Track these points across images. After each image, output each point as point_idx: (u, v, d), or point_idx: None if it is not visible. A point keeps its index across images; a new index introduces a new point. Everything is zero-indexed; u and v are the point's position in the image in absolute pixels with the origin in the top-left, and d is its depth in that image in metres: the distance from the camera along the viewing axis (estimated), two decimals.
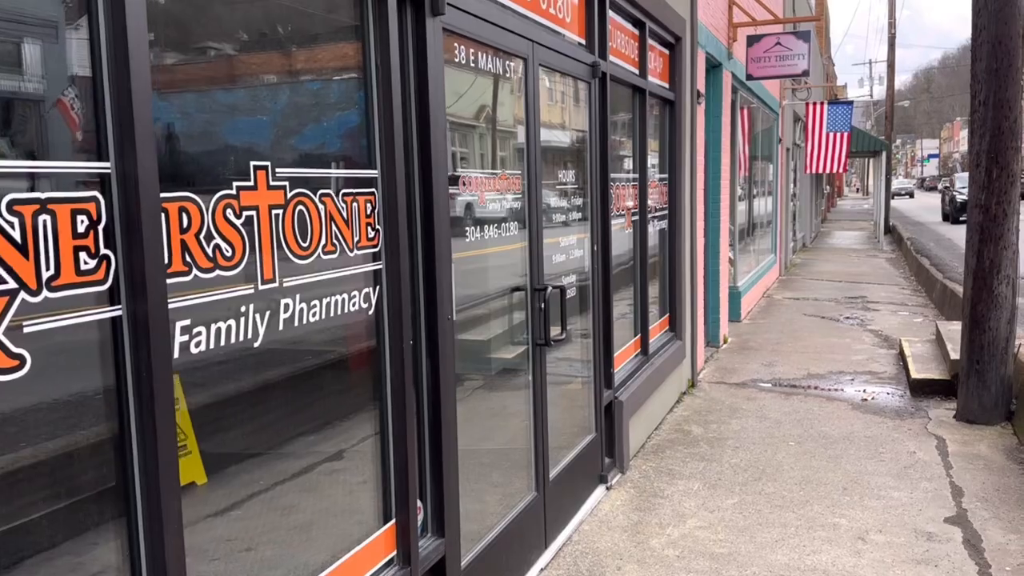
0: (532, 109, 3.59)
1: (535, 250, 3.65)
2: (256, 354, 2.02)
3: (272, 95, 2.15)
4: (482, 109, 3.36)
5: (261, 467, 2.12)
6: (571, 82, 4.25)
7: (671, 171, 6.58)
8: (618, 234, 5.23)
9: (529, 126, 3.58)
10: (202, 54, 1.94)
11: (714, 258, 9.01)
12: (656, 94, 5.97)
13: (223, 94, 2.00)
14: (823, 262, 18.42)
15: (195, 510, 1.88)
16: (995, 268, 5.61)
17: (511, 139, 3.55)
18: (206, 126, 1.92)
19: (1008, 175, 5.52)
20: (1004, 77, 5.43)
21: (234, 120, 2.01)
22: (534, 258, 3.65)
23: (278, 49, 2.17)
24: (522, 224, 3.58)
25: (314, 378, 2.34)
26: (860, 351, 8.52)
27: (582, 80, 4.33)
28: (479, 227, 3.19)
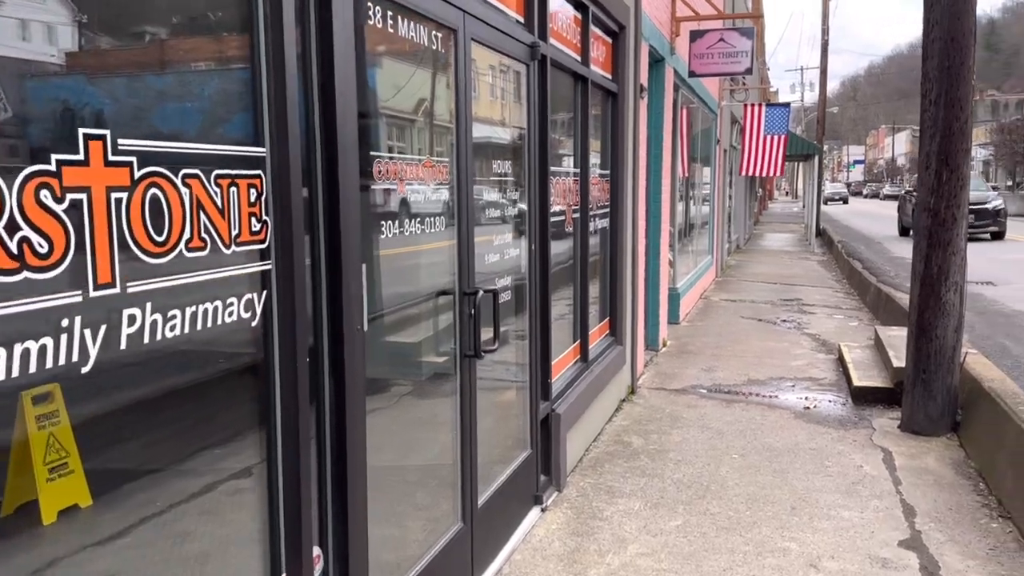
0: (463, 89, 3.15)
1: (465, 249, 3.23)
2: (90, 377, 1.54)
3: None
4: (403, 87, 2.91)
5: (91, 518, 1.64)
6: (508, 63, 3.84)
7: (613, 167, 6.24)
8: (558, 232, 4.85)
9: (460, 108, 3.14)
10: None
11: (654, 259, 8.73)
12: (599, 84, 5.61)
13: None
14: (757, 264, 18.48)
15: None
16: (943, 275, 5.42)
17: (439, 123, 3.12)
18: (15, 81, 1.43)
19: (958, 178, 5.34)
20: (956, 75, 5.24)
21: (59, 76, 1.52)
22: (464, 258, 3.22)
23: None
24: (451, 219, 3.15)
25: (176, 405, 1.86)
26: (799, 356, 8.36)
27: (520, 62, 3.92)
28: (400, 221, 2.75)
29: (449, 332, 3.22)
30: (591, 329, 5.64)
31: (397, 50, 2.79)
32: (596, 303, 6.05)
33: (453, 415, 3.24)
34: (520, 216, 4.05)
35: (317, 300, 2.29)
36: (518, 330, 4.14)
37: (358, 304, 2.40)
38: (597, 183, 5.81)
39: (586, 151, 5.25)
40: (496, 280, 3.70)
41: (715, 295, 13.20)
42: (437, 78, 3.08)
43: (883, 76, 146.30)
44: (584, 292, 5.37)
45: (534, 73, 4.07)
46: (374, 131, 2.66)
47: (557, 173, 4.74)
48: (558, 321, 4.93)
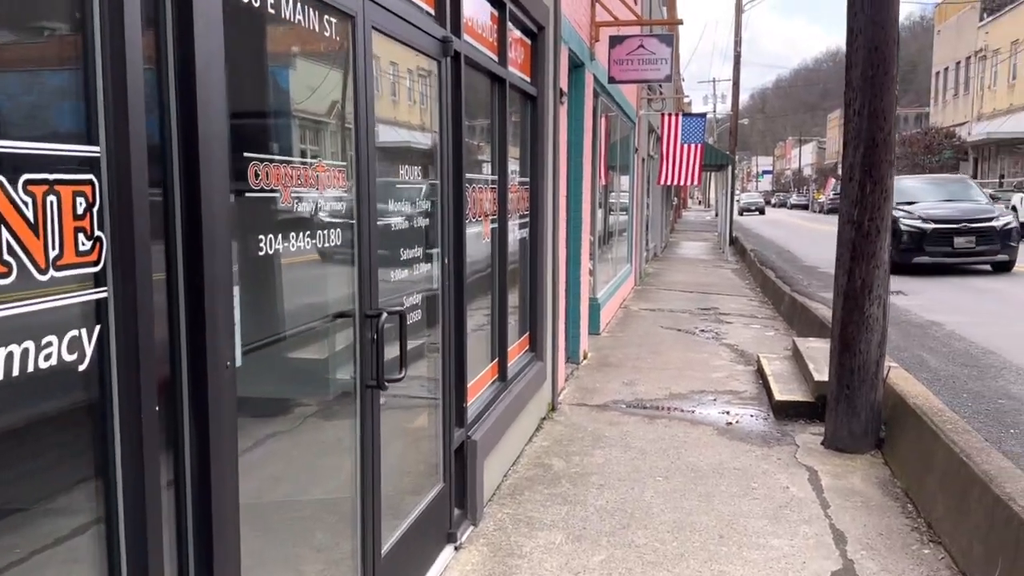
0: (364, 85, 2.77)
1: (367, 265, 2.84)
2: None
3: None
4: (292, 81, 2.52)
5: None
6: (417, 59, 3.47)
7: (533, 175, 5.94)
8: (474, 243, 4.50)
9: (360, 106, 2.76)
10: None
11: (575, 268, 8.49)
12: (517, 87, 5.30)
13: None
14: (675, 272, 18.60)
15: None
16: (867, 288, 5.33)
17: (335, 123, 2.73)
18: None
19: (882, 190, 5.26)
20: (880, 85, 5.16)
21: None
22: (366, 275, 2.84)
23: None
24: (350, 231, 2.76)
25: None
26: (719, 367, 8.25)
27: (431, 57, 3.55)
28: (287, 234, 2.35)
29: (349, 358, 2.83)
30: (510, 346, 5.32)
31: (282, 37, 2.39)
32: (516, 317, 5.74)
33: (352, 455, 2.84)
34: (432, 227, 3.68)
35: (174, 332, 1.87)
36: (430, 351, 3.77)
37: (227, 335, 1.99)
38: (516, 191, 5.50)
39: (504, 157, 4.93)
40: (404, 298, 3.33)
41: (635, 304, 13.12)
42: (333, 72, 2.69)
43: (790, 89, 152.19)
44: (503, 307, 5.04)
45: (447, 71, 3.72)
46: (253, 131, 2.25)
47: (473, 181, 4.40)
48: (475, 339, 4.58)
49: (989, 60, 38.23)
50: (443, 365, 3.80)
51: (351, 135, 2.74)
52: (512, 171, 5.39)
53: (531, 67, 5.80)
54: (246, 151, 2.15)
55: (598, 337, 9.95)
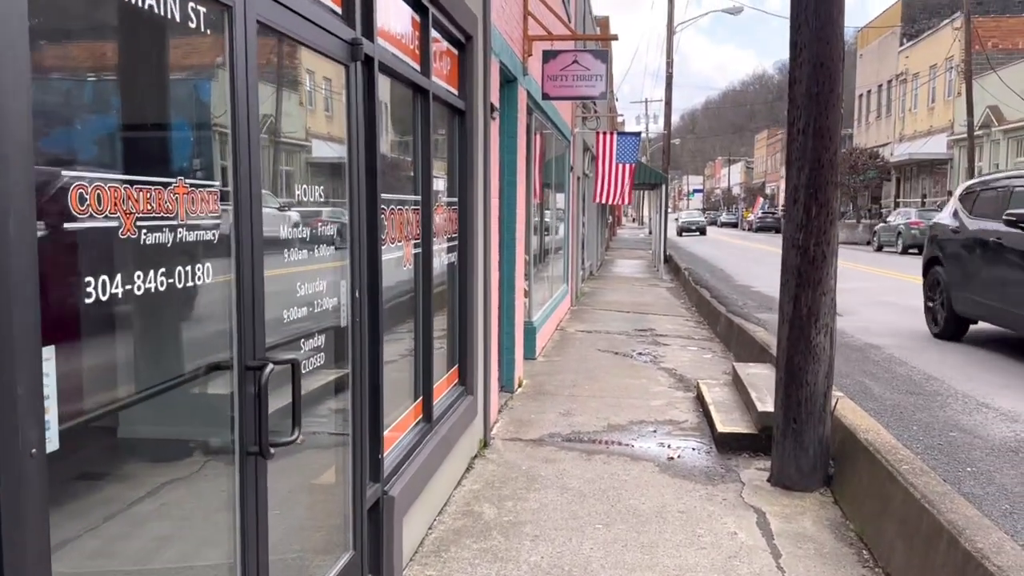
0: (244, 88, 2.30)
1: (248, 305, 2.35)
2: None
3: None
4: (147, 79, 2.02)
5: None
6: (318, 62, 3.01)
7: (462, 194, 5.51)
8: (394, 271, 4.04)
9: (239, 114, 2.28)
10: None
11: (509, 292, 8.08)
12: (443, 100, 4.88)
13: None
14: (611, 291, 18.41)
15: None
16: (813, 316, 5.05)
17: (204, 132, 2.24)
18: None
19: (827, 213, 5.00)
20: (825, 103, 4.91)
21: None
22: (247, 317, 2.35)
23: None
24: (225, 265, 2.27)
25: None
26: (658, 394, 7.93)
27: (337, 62, 3.09)
28: (129, 274, 1.85)
29: (226, 420, 2.33)
30: (437, 382, 4.85)
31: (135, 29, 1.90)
32: (443, 350, 5.28)
33: (229, 540, 2.33)
34: (340, 255, 3.20)
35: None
36: (339, 397, 3.28)
37: (31, 411, 1.49)
38: (443, 212, 5.06)
39: (429, 175, 4.48)
40: (302, 341, 2.84)
41: (571, 326, 12.79)
42: (203, 70, 2.21)
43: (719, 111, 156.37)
44: (427, 340, 4.58)
45: (357, 78, 3.26)
46: (81, 143, 1.76)
47: (392, 202, 3.94)
48: (394, 378, 4.11)
49: (910, 83, 39.66)
50: (354, 413, 3.31)
51: (228, 149, 2.26)
52: (438, 190, 4.95)
53: (459, 80, 5.38)
54: (72, 167, 1.65)
55: (534, 362, 9.56)
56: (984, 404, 6.68)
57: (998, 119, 30.74)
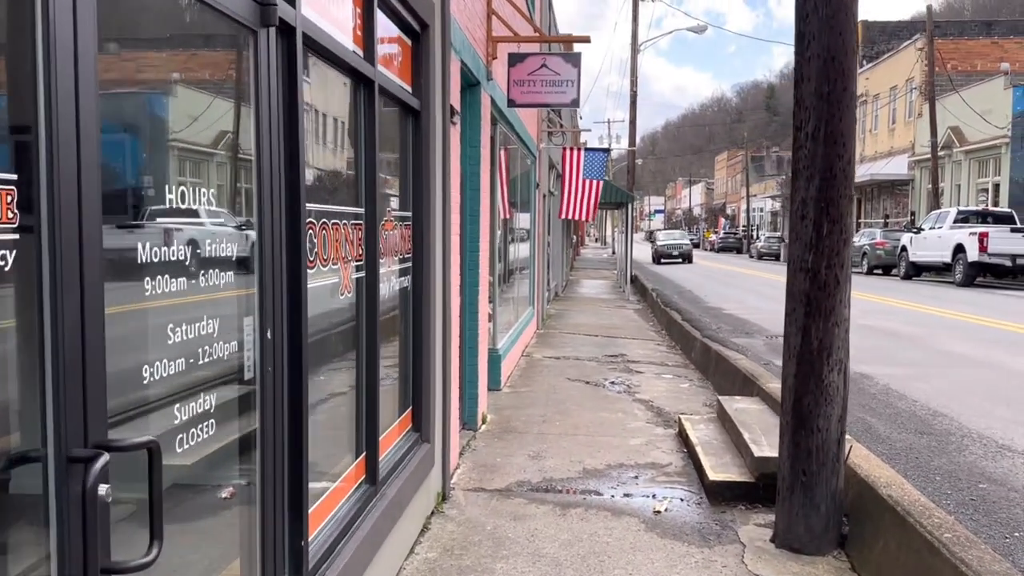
0: (53, 40, 1.50)
1: (73, 357, 1.54)
2: None
3: None
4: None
5: None
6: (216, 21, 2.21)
7: (417, 208, 4.73)
8: (327, 299, 3.24)
9: (50, 68, 1.48)
10: None
11: (472, 318, 7.30)
12: (393, 95, 4.11)
13: None
14: (577, 313, 17.73)
15: None
16: (825, 351, 4.36)
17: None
18: None
19: (841, 231, 4.32)
20: (838, 104, 4.25)
21: None
22: (69, 377, 1.54)
23: None
24: (32, 307, 1.46)
25: None
26: (636, 431, 7.19)
27: (240, 23, 2.30)
28: None
29: (36, 538, 1.51)
30: (384, 432, 4.04)
31: None
32: (393, 391, 4.47)
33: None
34: (243, 282, 2.40)
35: None
36: (243, 471, 2.47)
37: None
38: (393, 228, 4.27)
39: (374, 184, 3.70)
40: (177, 408, 2.02)
41: (538, 351, 12.03)
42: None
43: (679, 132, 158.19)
44: (372, 382, 3.77)
45: (271, 48, 2.48)
46: None
47: (326, 215, 3.15)
48: (327, 435, 3.30)
49: (870, 105, 39.94)
50: (265, 493, 2.48)
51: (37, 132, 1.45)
52: (387, 203, 4.17)
53: (413, 75, 4.62)
54: None
55: (499, 394, 8.76)
56: (1006, 447, 6.04)
57: (960, 139, 30.91)
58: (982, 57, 35.87)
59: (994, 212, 23.83)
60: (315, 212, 3.01)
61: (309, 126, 3.11)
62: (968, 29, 37.70)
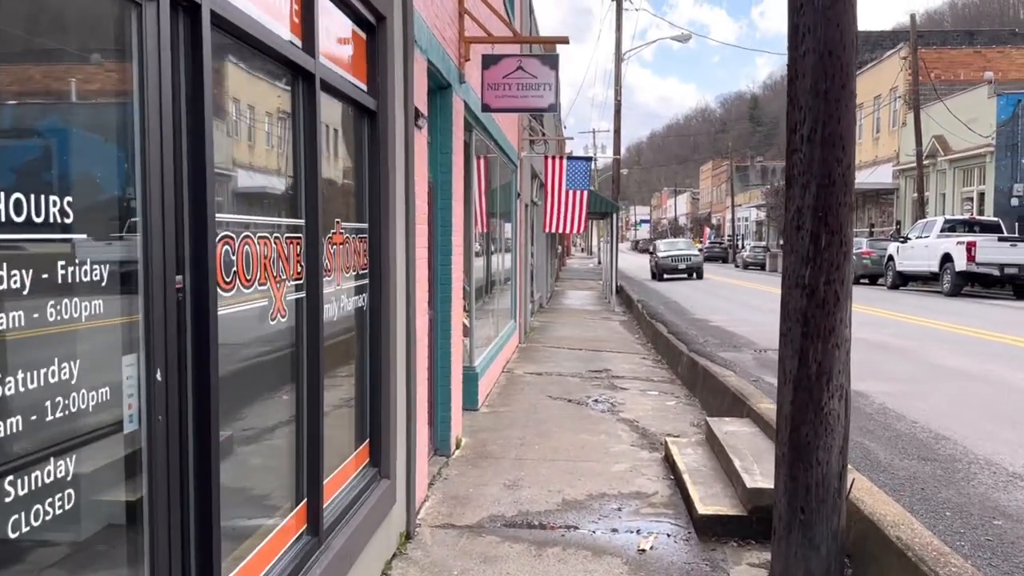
0: None
1: None
2: None
3: None
4: None
5: None
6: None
7: (374, 219, 4.28)
8: (252, 327, 2.79)
9: None
10: None
11: (444, 336, 6.85)
12: (341, 91, 3.67)
13: None
14: (561, 325, 17.30)
15: None
16: (824, 375, 3.94)
17: None
18: None
19: (841, 242, 3.91)
20: (836, 102, 3.84)
21: None
22: None
23: None
24: None
25: None
26: (620, 455, 6.75)
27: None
28: None
29: None
30: (331, 473, 3.58)
31: None
32: (346, 424, 4.01)
33: None
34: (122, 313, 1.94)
35: None
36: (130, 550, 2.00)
37: None
38: (344, 241, 3.82)
39: (315, 192, 3.25)
40: (12, 482, 1.55)
41: (519, 366, 11.58)
42: None
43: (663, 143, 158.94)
44: (315, 418, 3.30)
45: (159, 24, 2.03)
46: None
47: (251, 227, 2.70)
48: (252, 487, 2.84)
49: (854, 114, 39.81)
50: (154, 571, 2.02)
51: None
52: (337, 213, 3.72)
53: (368, 71, 4.18)
54: None
55: (475, 414, 8.30)
56: (1017, 475, 5.62)
57: (944, 148, 30.81)
58: (965, 66, 35.90)
59: (980, 221, 23.62)
60: (234, 224, 2.56)
61: (233, 124, 2.67)
62: (950, 39, 37.76)
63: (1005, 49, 36.75)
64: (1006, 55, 36.42)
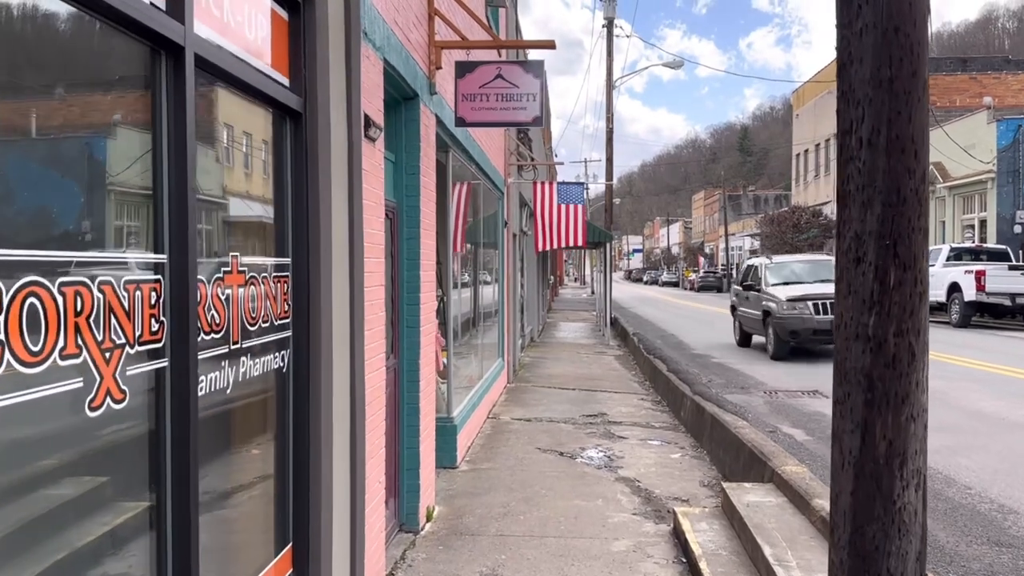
0: None
1: None
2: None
3: None
4: None
5: None
6: None
7: (299, 252, 3.29)
8: (50, 421, 1.78)
9: None
10: None
11: (412, 388, 5.83)
12: (238, 78, 2.69)
13: None
14: (553, 361, 16.28)
15: None
16: (896, 457, 2.94)
17: None
18: None
19: (915, 280, 2.93)
20: (905, 95, 2.89)
21: None
22: None
23: None
24: None
25: None
26: (620, 528, 5.71)
27: None
28: None
29: None
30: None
31: None
32: (254, 527, 2.98)
33: None
34: None
35: None
36: None
37: None
38: (247, 283, 2.82)
39: (184, 212, 2.26)
40: None
41: (507, 411, 10.54)
42: None
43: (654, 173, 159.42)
44: (182, 540, 2.28)
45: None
46: None
47: (45, 270, 1.71)
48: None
49: None
50: None
51: None
52: (231, 243, 2.73)
53: (291, 61, 3.22)
54: None
55: (453, 473, 7.25)
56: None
57: (943, 175, 30.12)
58: (960, 92, 35.41)
59: (988, 249, 22.78)
60: (11, 264, 1.57)
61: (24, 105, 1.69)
62: (943, 65, 37.25)
63: (1001, 75, 36.31)
64: (1002, 81, 35.97)
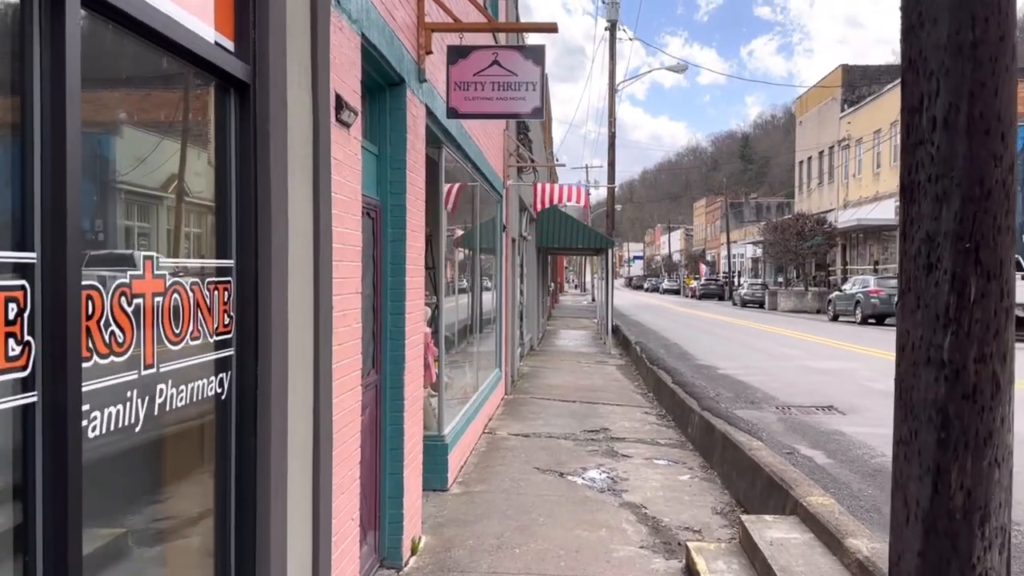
0: None
1: None
2: None
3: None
4: None
5: None
6: None
7: (245, 252, 2.72)
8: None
9: None
10: None
11: (396, 408, 5.25)
12: (157, 31, 2.13)
13: None
14: (553, 371, 15.70)
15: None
16: (977, 510, 2.37)
17: None
18: None
19: (1001, 292, 2.37)
20: (991, 63, 2.33)
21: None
22: None
23: None
24: None
25: None
26: (626, 563, 5.14)
27: None
28: None
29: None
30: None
31: None
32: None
33: None
34: None
35: None
36: None
37: None
38: (169, 291, 2.25)
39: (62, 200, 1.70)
40: None
41: (504, 425, 9.97)
42: None
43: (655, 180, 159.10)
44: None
45: None
46: None
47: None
48: None
49: (853, 149, 38.77)
50: None
51: None
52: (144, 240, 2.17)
53: (236, 20, 2.66)
54: None
55: (443, 497, 6.67)
56: None
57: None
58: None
59: None
60: None
61: None
62: None
63: None
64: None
